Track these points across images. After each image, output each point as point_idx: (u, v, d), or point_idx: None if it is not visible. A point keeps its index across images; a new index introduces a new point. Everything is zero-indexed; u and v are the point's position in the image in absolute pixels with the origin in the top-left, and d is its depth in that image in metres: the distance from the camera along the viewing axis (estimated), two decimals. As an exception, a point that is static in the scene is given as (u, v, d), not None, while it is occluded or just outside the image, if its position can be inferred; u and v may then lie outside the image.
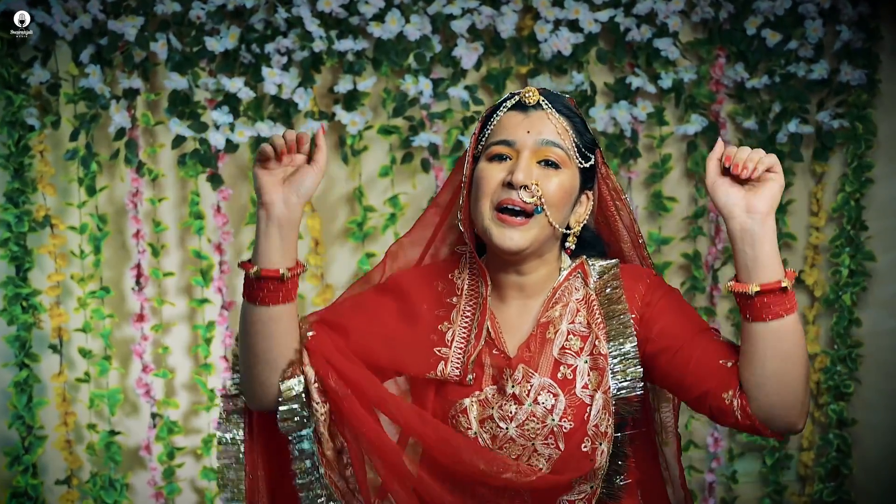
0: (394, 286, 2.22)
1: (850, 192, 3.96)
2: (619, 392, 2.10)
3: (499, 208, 2.09)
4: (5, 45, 3.84)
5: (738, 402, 2.00)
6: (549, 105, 2.13)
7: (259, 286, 2.03)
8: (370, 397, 2.09)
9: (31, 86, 3.87)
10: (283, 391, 2.07)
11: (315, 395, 2.07)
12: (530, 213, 2.07)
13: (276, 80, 3.83)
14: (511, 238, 2.08)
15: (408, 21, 3.85)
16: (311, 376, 2.07)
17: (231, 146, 3.87)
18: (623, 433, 2.15)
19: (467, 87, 3.91)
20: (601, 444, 2.10)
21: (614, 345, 2.11)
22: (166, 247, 4.02)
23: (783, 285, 1.95)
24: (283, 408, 2.07)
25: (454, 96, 3.91)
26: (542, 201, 2.07)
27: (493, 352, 2.15)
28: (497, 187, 2.09)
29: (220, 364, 3.99)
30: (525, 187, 2.07)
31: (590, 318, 2.13)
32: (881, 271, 4.02)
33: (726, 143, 3.67)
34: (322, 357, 2.09)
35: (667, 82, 3.91)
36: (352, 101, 3.89)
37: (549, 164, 2.10)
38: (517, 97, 2.16)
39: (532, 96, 2.13)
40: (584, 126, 2.16)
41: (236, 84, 3.83)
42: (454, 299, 2.19)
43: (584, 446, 2.09)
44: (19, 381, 3.90)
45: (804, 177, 4.05)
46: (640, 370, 2.10)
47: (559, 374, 2.10)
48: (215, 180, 3.91)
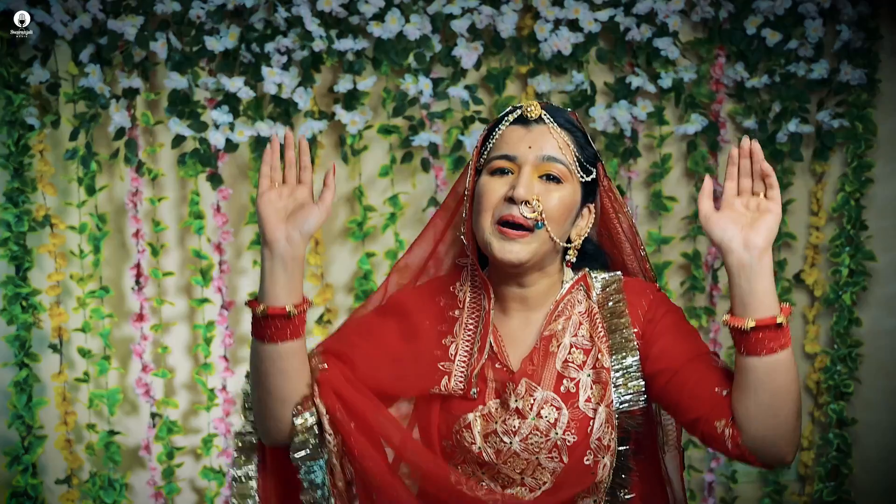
0: (394, 306, 2.22)
1: (850, 192, 3.96)
2: (622, 406, 2.10)
3: (500, 222, 2.09)
4: (5, 44, 3.83)
5: (729, 432, 2.01)
6: (551, 119, 2.13)
7: (266, 324, 2.03)
8: (373, 427, 2.09)
9: (31, 85, 3.87)
10: (297, 425, 2.07)
11: (326, 426, 2.08)
12: (531, 228, 2.07)
13: (275, 79, 3.83)
14: (511, 251, 2.08)
15: (408, 21, 3.84)
16: (322, 409, 2.08)
17: (231, 146, 3.87)
18: (626, 447, 2.15)
19: (467, 87, 3.90)
20: (604, 458, 2.10)
21: (616, 358, 2.11)
22: (166, 246, 4.02)
23: (778, 321, 1.96)
24: (296, 439, 2.08)
25: (454, 96, 3.90)
26: (543, 216, 2.07)
27: (496, 366, 2.15)
28: (498, 202, 2.09)
29: (220, 364, 3.99)
30: (526, 203, 2.07)
31: (592, 332, 2.14)
32: (881, 271, 4.02)
33: (714, 177, 3.70)
34: (331, 389, 2.09)
35: (667, 82, 3.90)
36: (352, 100, 3.89)
37: (550, 178, 2.10)
38: (519, 111, 2.15)
39: (534, 110, 2.13)
40: (586, 140, 2.16)
41: (236, 83, 3.82)
42: (456, 312, 2.20)
43: (587, 460, 2.09)
44: (19, 380, 3.90)
45: (804, 176, 4.05)
46: (642, 384, 2.10)
47: (562, 388, 2.11)
48: (215, 180, 3.91)
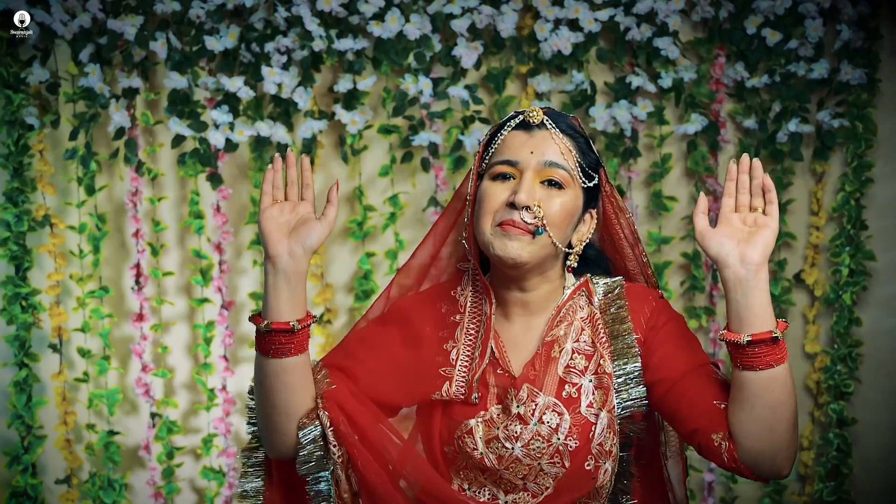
0: (396, 313, 2.23)
1: (850, 192, 3.95)
2: (624, 411, 2.10)
3: (501, 226, 2.08)
4: (5, 44, 3.82)
5: (725, 445, 2.01)
6: (553, 125, 2.13)
7: (270, 339, 2.04)
8: (372, 441, 2.09)
9: (31, 85, 3.86)
10: (301, 437, 2.08)
11: (331, 437, 2.08)
12: (532, 233, 2.07)
13: (275, 79, 3.82)
14: (512, 247, 2.07)
15: (408, 20, 3.84)
16: (325, 422, 2.08)
17: (231, 145, 3.86)
18: (628, 452, 2.15)
19: (467, 87, 3.90)
20: (605, 463, 2.10)
21: (618, 364, 2.11)
22: (166, 246, 4.02)
23: (774, 336, 1.96)
24: (302, 452, 2.09)
25: (454, 96, 3.89)
26: (544, 222, 2.07)
27: (498, 371, 2.15)
28: (500, 206, 2.09)
29: (220, 364, 3.99)
30: (527, 208, 2.07)
31: (594, 337, 2.14)
32: (881, 271, 4.02)
33: (709, 194, 3.70)
34: (335, 403, 2.10)
35: (667, 81, 3.90)
36: (352, 100, 3.88)
37: (552, 184, 2.10)
38: (521, 116, 2.15)
39: (536, 116, 2.13)
40: (588, 145, 2.16)
41: (236, 83, 3.82)
42: (457, 317, 2.20)
43: (588, 465, 2.09)
44: (19, 380, 3.90)
45: (804, 176, 4.04)
46: (643, 389, 2.10)
47: (564, 393, 2.11)
48: (215, 180, 3.91)
